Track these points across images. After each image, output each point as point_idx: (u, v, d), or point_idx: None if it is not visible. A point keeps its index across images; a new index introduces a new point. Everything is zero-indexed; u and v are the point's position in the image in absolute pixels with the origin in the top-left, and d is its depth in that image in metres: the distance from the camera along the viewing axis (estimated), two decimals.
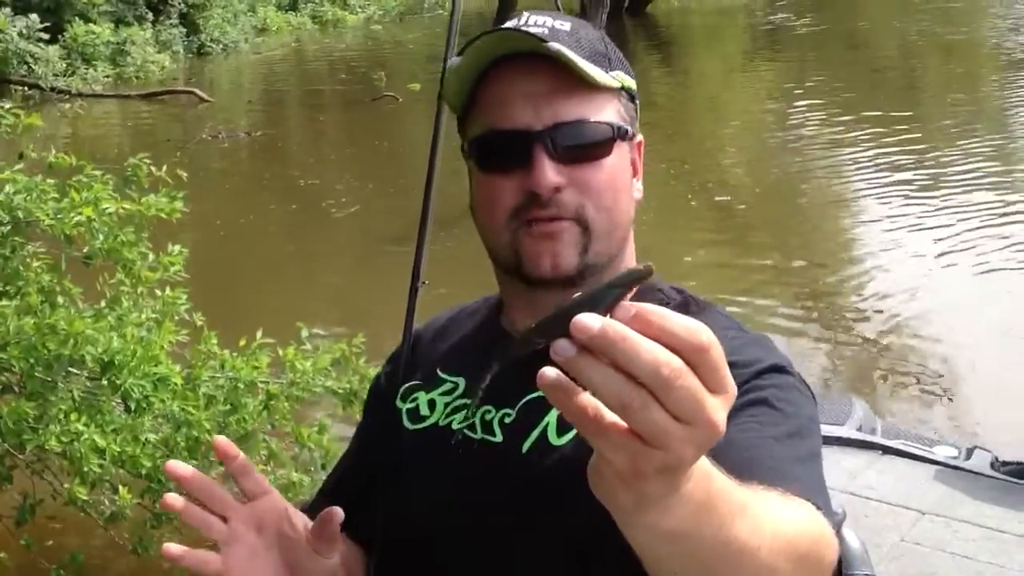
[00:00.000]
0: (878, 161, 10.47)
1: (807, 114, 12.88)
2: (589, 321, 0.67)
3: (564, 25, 1.18)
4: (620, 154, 1.19)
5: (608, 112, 1.18)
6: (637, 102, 1.24)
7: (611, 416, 0.69)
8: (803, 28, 20.82)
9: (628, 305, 0.69)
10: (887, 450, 4.18)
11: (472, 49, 1.17)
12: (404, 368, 1.35)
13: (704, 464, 0.76)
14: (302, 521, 1.13)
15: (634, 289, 0.71)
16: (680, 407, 0.68)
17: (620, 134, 1.19)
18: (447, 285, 1.53)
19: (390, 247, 7.42)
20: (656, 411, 0.67)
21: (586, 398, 0.69)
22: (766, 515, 0.85)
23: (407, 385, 1.32)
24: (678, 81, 16.44)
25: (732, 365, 1.10)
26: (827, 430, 4.09)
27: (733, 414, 1.00)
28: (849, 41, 19.42)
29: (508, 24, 1.19)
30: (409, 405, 1.30)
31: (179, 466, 1.07)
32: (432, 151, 1.47)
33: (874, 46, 18.88)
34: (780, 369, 1.14)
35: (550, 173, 1.14)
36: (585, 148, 1.16)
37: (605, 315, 0.68)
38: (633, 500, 0.74)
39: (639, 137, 1.25)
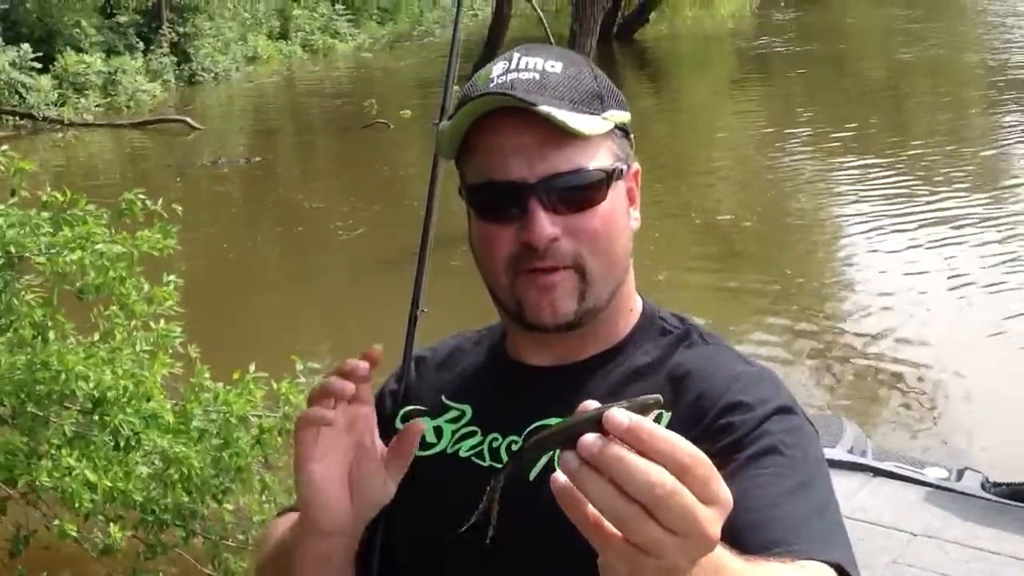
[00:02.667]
0: (869, 183, 10.55)
1: (797, 137, 12.96)
2: (592, 441, 0.74)
3: (555, 66, 1.19)
4: (615, 194, 1.20)
5: (602, 156, 1.18)
6: (631, 135, 1.25)
7: (611, 526, 0.74)
8: (790, 52, 20.98)
9: (621, 417, 0.74)
10: (878, 472, 4.19)
11: (463, 112, 1.18)
12: (404, 392, 1.35)
13: (715, 555, 0.79)
14: (380, 443, 1.17)
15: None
16: (673, 523, 0.72)
17: (615, 176, 1.19)
18: (453, 306, 1.54)
19: (397, 268, 7.37)
20: (650, 526, 0.72)
21: (590, 507, 0.75)
22: None
23: (408, 409, 1.33)
24: (667, 106, 16.53)
25: (741, 405, 1.15)
26: None
27: (747, 464, 1.07)
28: (836, 64, 19.58)
29: (499, 68, 1.19)
30: None
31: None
32: (432, 179, 1.49)
33: (860, 68, 19.04)
34: (787, 410, 1.17)
35: (546, 225, 1.15)
36: (580, 197, 1.17)
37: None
38: None
39: (636, 166, 1.25)
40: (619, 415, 0.74)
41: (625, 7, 23.65)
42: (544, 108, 1.12)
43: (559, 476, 0.76)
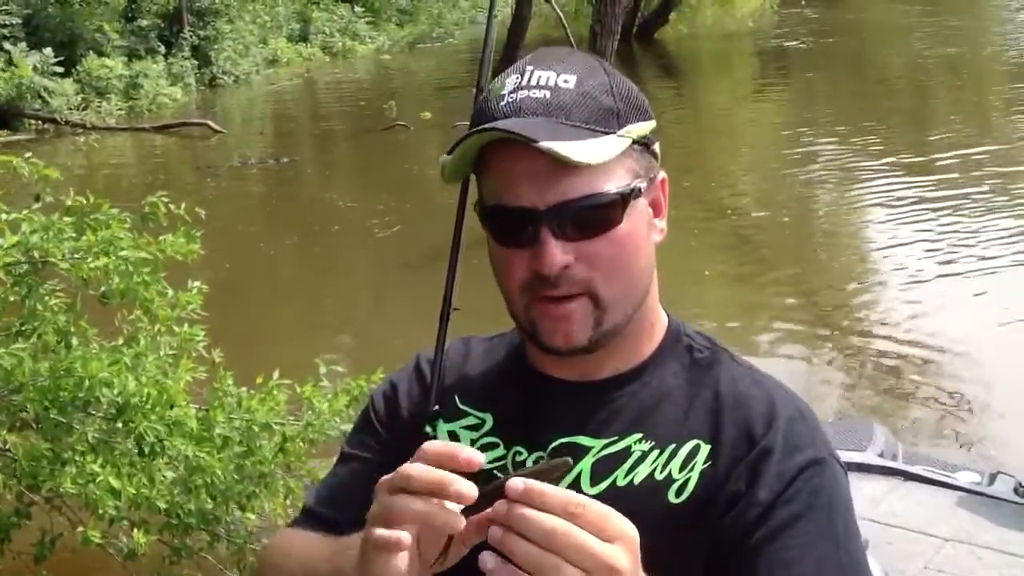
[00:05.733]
0: (892, 183, 10.46)
1: (819, 137, 12.90)
2: (498, 506, 0.89)
3: (568, 81, 1.13)
4: (634, 214, 1.15)
5: (617, 177, 1.13)
6: (655, 145, 1.20)
7: None
8: (811, 50, 20.91)
9: (516, 483, 0.89)
10: (909, 476, 4.14)
11: (463, 147, 1.14)
12: (431, 394, 1.29)
13: None
14: None
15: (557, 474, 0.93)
16: (578, 560, 0.86)
17: (632, 195, 1.14)
18: (484, 306, 1.49)
19: (429, 266, 7.36)
20: (564, 568, 0.86)
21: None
22: None
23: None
24: (688, 106, 16.48)
25: (774, 453, 1.13)
26: (848, 456, 4.06)
27: (776, 536, 1.10)
28: (857, 61, 19.49)
29: (511, 83, 1.15)
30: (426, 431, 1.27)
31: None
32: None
33: (882, 68, 18.93)
34: (817, 462, 1.14)
35: (557, 253, 1.10)
36: (593, 223, 1.12)
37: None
38: None
39: (661, 175, 1.21)
40: (516, 483, 0.88)
41: (645, 7, 23.60)
42: (545, 144, 1.07)
43: (486, 559, 0.89)
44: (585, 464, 1.15)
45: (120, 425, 2.97)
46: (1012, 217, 8.95)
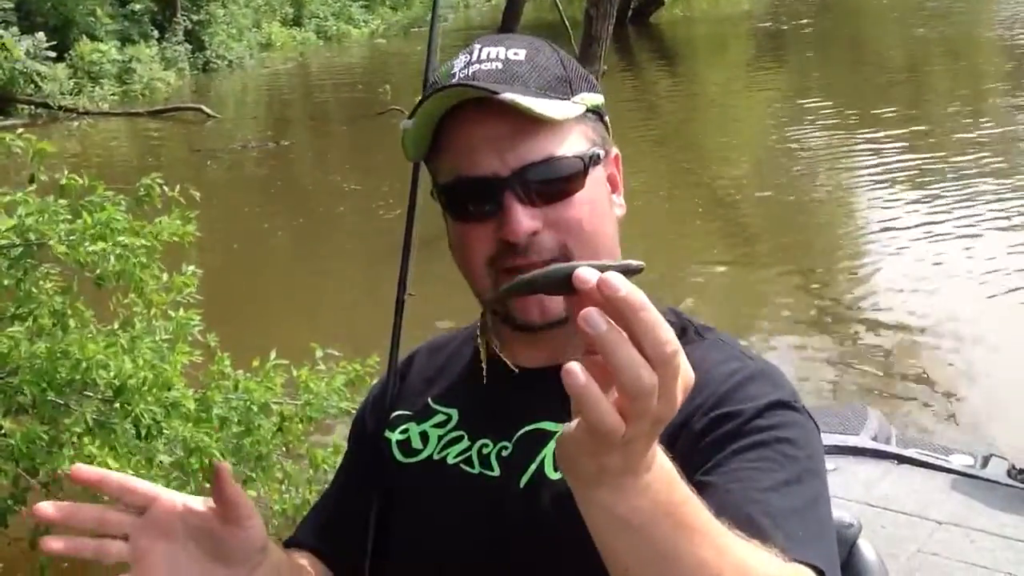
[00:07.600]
0: (886, 168, 10.45)
1: (813, 120, 12.87)
2: (587, 275, 0.76)
3: (519, 54, 1.14)
4: (595, 181, 1.14)
5: (575, 142, 1.13)
6: (606, 117, 1.20)
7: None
8: (805, 33, 20.88)
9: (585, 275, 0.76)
10: (902, 459, 4.15)
11: (423, 110, 1.13)
12: (393, 394, 1.31)
13: (670, 473, 0.82)
14: (205, 503, 1.04)
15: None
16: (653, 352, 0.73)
17: (592, 161, 1.14)
18: (453, 294, 1.48)
19: (427, 249, 7.34)
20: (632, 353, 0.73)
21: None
22: (736, 548, 0.86)
23: (396, 414, 1.29)
24: (683, 89, 16.43)
25: (732, 403, 1.09)
26: (842, 440, 4.07)
27: (733, 457, 1.04)
28: (851, 45, 19.48)
29: (460, 61, 1.15)
30: (399, 436, 1.27)
31: (44, 508, 0.97)
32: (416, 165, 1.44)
33: (876, 49, 18.93)
34: (783, 404, 1.11)
35: (524, 219, 1.09)
36: (557, 186, 1.11)
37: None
38: (594, 469, 0.77)
39: (615, 151, 1.20)
40: (615, 278, 0.74)
41: None
42: (507, 95, 1.06)
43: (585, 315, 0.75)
44: (549, 450, 1.15)
45: (118, 407, 2.97)
46: (1013, 198, 8.94)
